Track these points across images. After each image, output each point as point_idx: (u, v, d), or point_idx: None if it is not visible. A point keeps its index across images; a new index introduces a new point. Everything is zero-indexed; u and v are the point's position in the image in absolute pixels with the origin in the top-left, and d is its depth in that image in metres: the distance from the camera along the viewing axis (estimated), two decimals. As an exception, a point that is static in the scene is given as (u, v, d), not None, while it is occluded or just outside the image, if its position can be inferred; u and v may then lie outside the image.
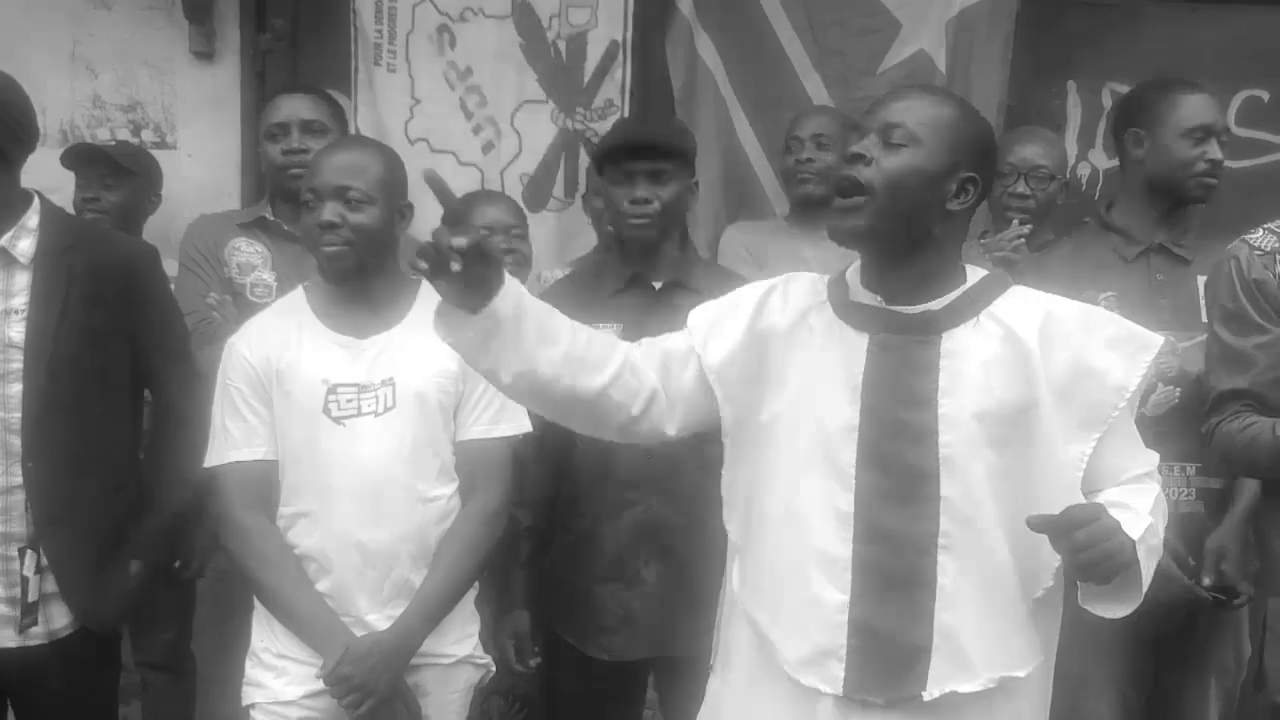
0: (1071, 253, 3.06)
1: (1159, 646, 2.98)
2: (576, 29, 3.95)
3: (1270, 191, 3.97)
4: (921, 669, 1.90)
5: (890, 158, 1.89)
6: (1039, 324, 1.92)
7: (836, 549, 1.91)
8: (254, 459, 2.46)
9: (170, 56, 3.96)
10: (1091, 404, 1.91)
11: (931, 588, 1.89)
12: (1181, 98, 2.95)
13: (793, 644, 1.93)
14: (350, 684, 2.34)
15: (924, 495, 1.89)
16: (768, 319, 2.01)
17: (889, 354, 1.93)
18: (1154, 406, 2.87)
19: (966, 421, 1.89)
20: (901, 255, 1.94)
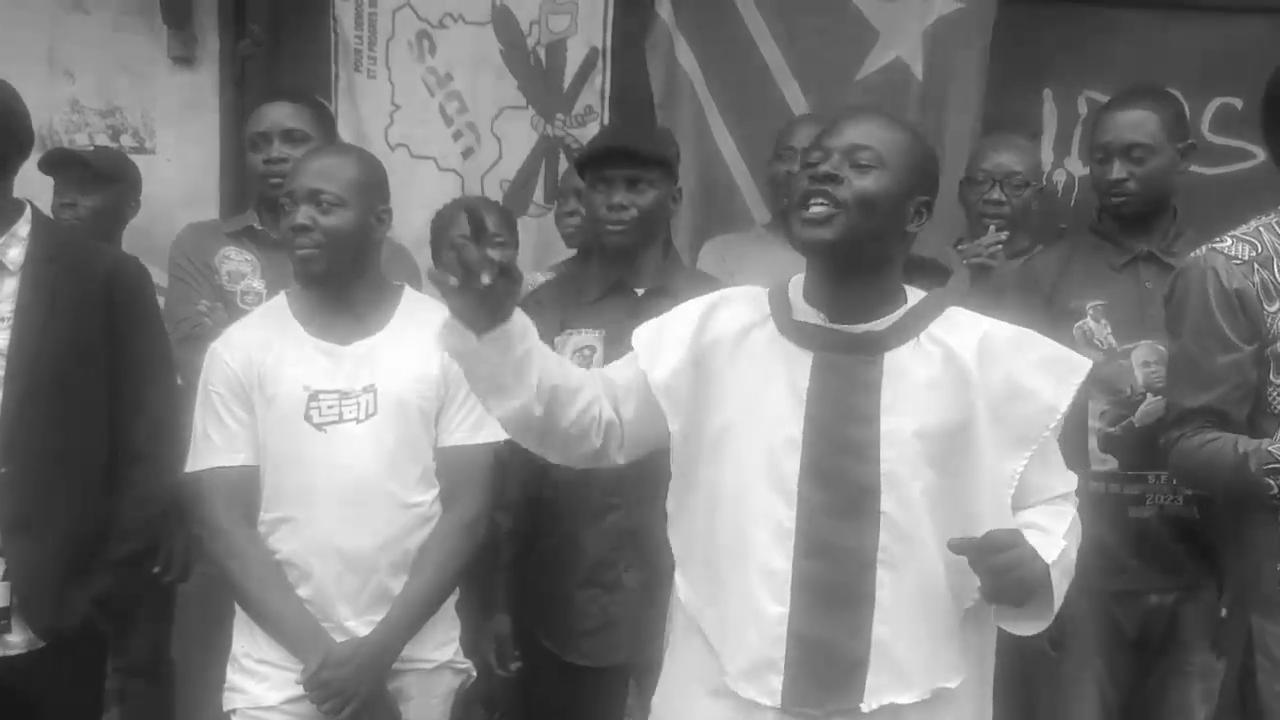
0: (1062, 260, 3.08)
1: (1143, 648, 3.01)
2: (556, 35, 3.96)
3: (1244, 198, 3.98)
4: (859, 681, 1.92)
5: (861, 179, 1.92)
6: (976, 345, 1.97)
7: (778, 563, 1.93)
8: (235, 464, 2.46)
9: (149, 61, 3.95)
10: (1023, 423, 1.97)
11: (870, 602, 1.92)
12: (1100, 115, 3.04)
13: (734, 656, 1.95)
14: (331, 689, 2.34)
15: (865, 511, 1.93)
16: (711, 334, 2.02)
17: (833, 372, 1.96)
18: (1143, 416, 2.90)
19: (907, 439, 1.93)
20: (857, 274, 1.97)
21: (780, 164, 3.54)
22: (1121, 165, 2.93)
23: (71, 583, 2.53)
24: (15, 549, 2.47)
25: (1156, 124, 2.94)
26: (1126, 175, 2.93)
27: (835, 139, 1.96)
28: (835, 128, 1.99)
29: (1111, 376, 2.93)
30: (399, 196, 2.68)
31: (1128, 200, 2.96)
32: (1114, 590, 2.95)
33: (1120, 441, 2.92)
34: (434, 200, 3.59)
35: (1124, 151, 2.93)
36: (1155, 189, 2.96)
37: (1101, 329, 2.95)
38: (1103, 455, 2.93)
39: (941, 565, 1.94)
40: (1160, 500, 2.89)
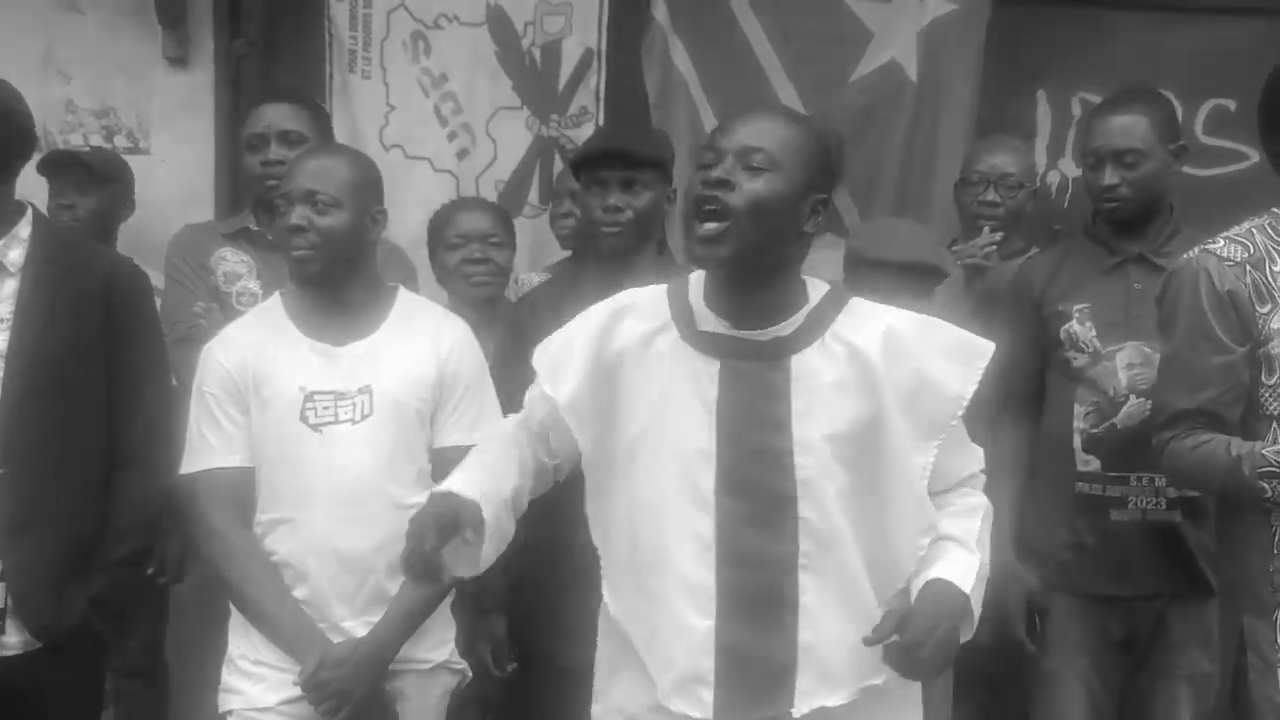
0: (1053, 264, 3.09)
1: (1131, 648, 3.02)
2: (551, 36, 3.97)
3: (1238, 199, 3.99)
4: (788, 687, 1.93)
5: (753, 183, 1.88)
6: (881, 340, 1.95)
7: (700, 576, 1.92)
8: (231, 466, 2.46)
9: (144, 62, 3.94)
10: (932, 414, 1.96)
11: (794, 608, 1.92)
12: (1091, 120, 3.04)
13: (662, 671, 1.95)
14: (328, 690, 2.35)
15: (783, 518, 1.92)
16: (614, 344, 1.99)
17: (741, 380, 1.94)
18: (1125, 418, 2.91)
19: (820, 443, 1.92)
20: (757, 280, 1.94)
21: None
22: (1114, 171, 2.94)
23: (68, 584, 2.53)
24: (13, 550, 2.47)
25: (1147, 127, 2.94)
26: (1119, 181, 2.94)
27: (727, 140, 1.92)
28: (728, 127, 1.96)
29: (1096, 378, 2.94)
30: (394, 197, 2.68)
31: (1121, 205, 2.97)
32: (1098, 593, 2.97)
33: (1103, 443, 2.93)
34: (429, 201, 3.59)
35: (1116, 157, 2.93)
36: (1148, 193, 2.96)
37: (1087, 331, 2.96)
38: (1085, 456, 2.95)
39: (862, 564, 1.94)
40: (1143, 504, 2.91)
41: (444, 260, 3.16)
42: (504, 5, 3.94)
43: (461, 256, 3.14)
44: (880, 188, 3.98)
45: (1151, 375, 2.86)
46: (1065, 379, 3.01)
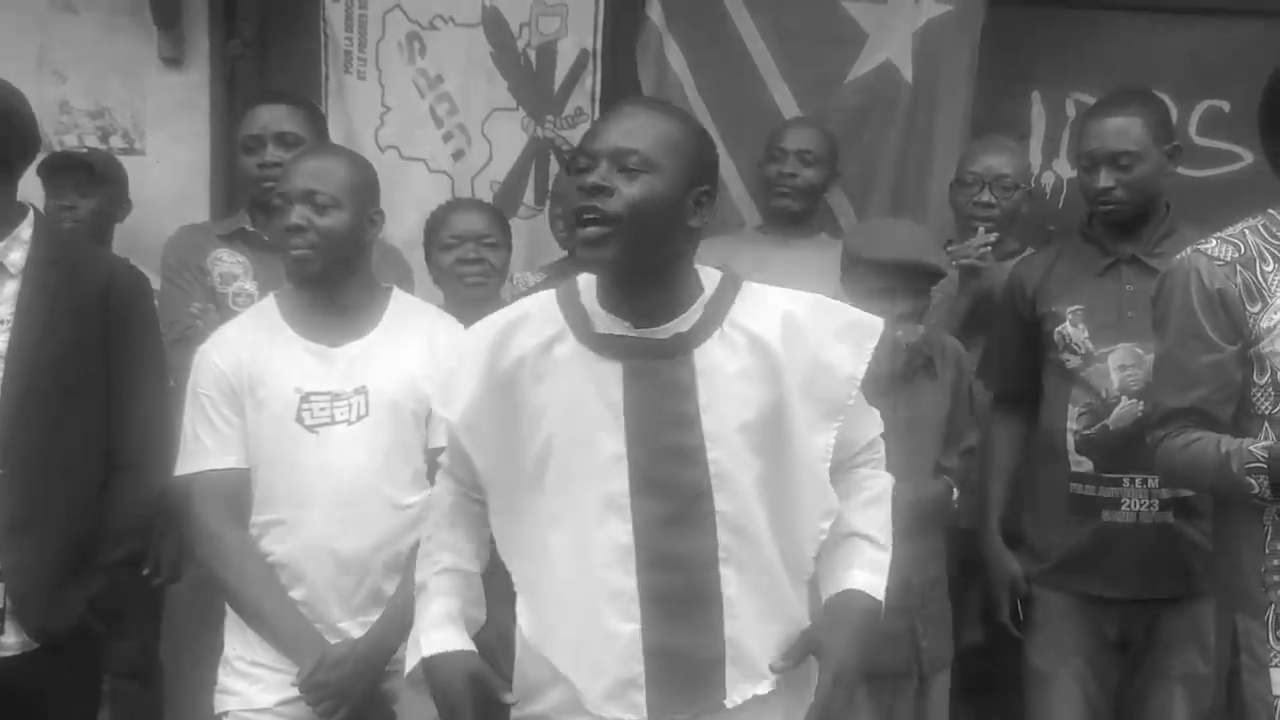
0: (1046, 264, 3.10)
1: (1126, 649, 3.03)
2: (546, 37, 3.97)
3: (1232, 200, 4.01)
4: (718, 681, 1.93)
5: (630, 186, 1.86)
6: (779, 325, 1.96)
7: (622, 581, 1.91)
8: (226, 467, 2.46)
9: (139, 62, 3.94)
10: (830, 397, 1.97)
11: (718, 602, 1.93)
12: (1085, 123, 3.03)
13: (592, 681, 1.93)
14: (326, 691, 2.35)
15: (700, 514, 1.92)
16: (509, 357, 1.96)
17: (646, 380, 1.93)
18: (1118, 420, 2.92)
19: (730, 435, 1.92)
20: (649, 279, 1.93)
21: (772, 165, 3.56)
22: (1108, 173, 2.94)
23: (66, 585, 2.53)
24: (12, 550, 2.47)
25: (1142, 129, 2.95)
26: (1114, 183, 2.94)
27: (600, 143, 1.90)
28: (599, 130, 1.93)
29: (1088, 380, 2.95)
30: (389, 198, 2.68)
31: (1117, 208, 2.97)
32: (1092, 593, 2.98)
33: (1096, 444, 2.94)
34: (425, 202, 3.59)
35: (1110, 160, 2.94)
36: (1143, 194, 2.97)
37: (1079, 333, 2.97)
38: (1079, 457, 2.96)
39: (776, 551, 1.96)
40: (1136, 506, 2.92)
41: (439, 260, 3.17)
42: (499, 6, 3.94)
43: (456, 257, 3.14)
44: (876, 188, 3.98)
45: (1144, 377, 2.87)
46: (1059, 380, 3.02)
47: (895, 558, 2.63)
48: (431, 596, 2.07)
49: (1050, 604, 3.03)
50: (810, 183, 3.53)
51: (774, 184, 3.54)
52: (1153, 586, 2.94)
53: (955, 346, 3.12)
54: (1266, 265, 2.39)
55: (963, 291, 3.38)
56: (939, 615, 3.02)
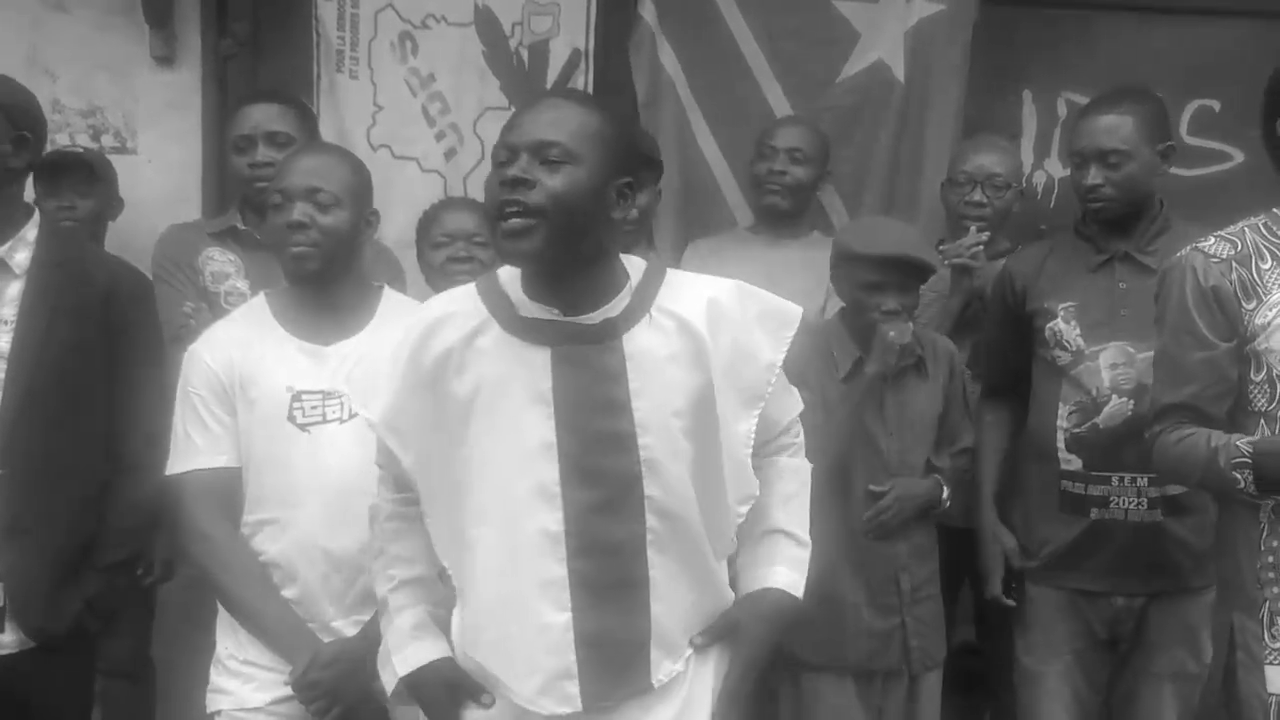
0: (1037, 261, 3.11)
1: (1115, 647, 3.04)
2: (538, 37, 3.97)
3: (1222, 199, 4.04)
4: (644, 661, 1.95)
5: (552, 178, 1.86)
6: (705, 310, 1.97)
7: (553, 570, 1.91)
8: (217, 466, 2.45)
9: (130, 61, 3.92)
10: (751, 384, 2.00)
11: (645, 585, 1.94)
12: (1079, 121, 3.04)
13: (524, 678, 1.93)
14: (319, 690, 2.34)
15: (630, 500, 1.92)
16: (432, 353, 1.96)
17: (575, 366, 1.93)
18: (1108, 418, 2.93)
19: (661, 420, 1.93)
20: (575, 269, 1.93)
21: (762, 163, 3.57)
22: (1097, 171, 2.96)
23: (65, 585, 2.54)
24: (10, 551, 2.48)
25: (1132, 128, 2.96)
26: (1102, 181, 2.96)
27: (520, 136, 1.89)
28: (518, 122, 1.92)
29: (1079, 377, 2.96)
30: (381, 197, 2.68)
31: (1106, 205, 2.98)
32: (1081, 590, 2.99)
33: (1085, 442, 2.96)
34: (416, 201, 3.59)
35: (1100, 157, 2.96)
36: (1133, 192, 2.98)
37: (1071, 330, 2.98)
38: (1068, 455, 2.97)
39: (703, 532, 1.98)
40: (1125, 504, 2.93)
41: (430, 259, 3.17)
42: (491, 6, 3.94)
43: (447, 255, 3.14)
44: (868, 187, 3.99)
45: (1135, 375, 2.88)
46: (1049, 377, 3.03)
47: (878, 556, 2.68)
48: (395, 613, 2.08)
49: (1040, 602, 3.05)
50: (800, 181, 3.54)
51: (764, 182, 3.55)
52: (1142, 583, 2.96)
53: (948, 346, 3.13)
54: (1264, 263, 2.40)
55: (955, 291, 3.38)
56: (930, 615, 3.02)
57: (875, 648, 2.96)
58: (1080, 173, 3.00)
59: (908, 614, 2.96)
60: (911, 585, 2.97)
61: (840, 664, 2.96)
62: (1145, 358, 2.85)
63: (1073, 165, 3.05)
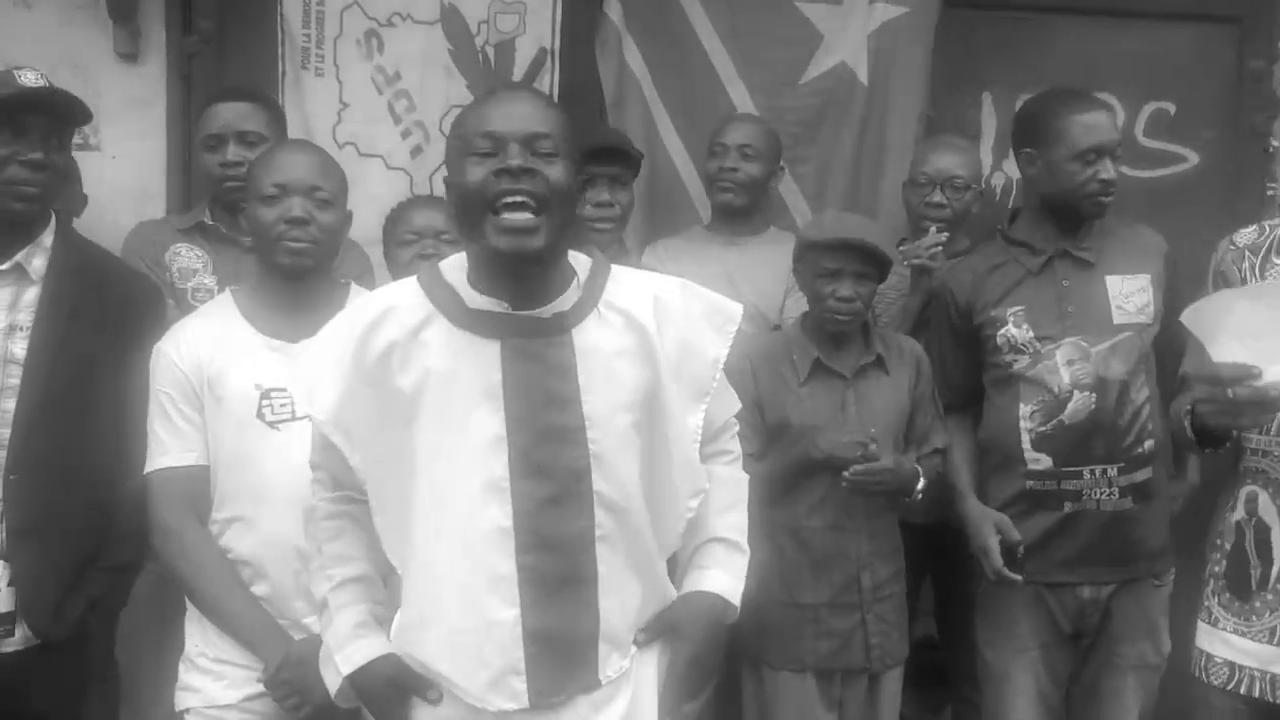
0: (976, 269, 3.13)
1: (1078, 641, 3.08)
2: (505, 35, 3.97)
3: (1176, 201, 4.10)
4: (592, 656, 1.97)
5: (550, 169, 1.88)
6: (651, 306, 2.00)
7: (502, 566, 1.91)
8: (186, 464, 2.46)
9: (94, 57, 3.89)
10: (697, 379, 2.04)
11: (594, 580, 1.96)
12: (1072, 120, 2.99)
13: (472, 674, 1.93)
14: (291, 687, 2.35)
15: (579, 494, 1.94)
16: (374, 349, 1.94)
17: (526, 359, 1.93)
18: (1073, 414, 2.96)
19: (610, 415, 1.95)
20: (545, 263, 1.95)
21: (713, 161, 3.56)
22: (1113, 164, 2.97)
23: (72, 588, 2.55)
24: (22, 554, 2.49)
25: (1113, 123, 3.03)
26: (1114, 175, 2.97)
27: (508, 125, 1.88)
28: (500, 113, 1.91)
29: (1039, 378, 3.00)
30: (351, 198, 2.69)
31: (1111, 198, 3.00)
32: (1049, 583, 3.03)
33: (1052, 439, 2.99)
34: (382, 198, 3.59)
35: (1112, 151, 2.97)
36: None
37: (1024, 333, 3.02)
38: (1035, 454, 3.01)
39: (649, 527, 2.01)
40: (1097, 495, 2.97)
41: (398, 257, 3.18)
42: (458, 4, 3.93)
43: (414, 253, 3.14)
44: (831, 187, 4.00)
45: (1091, 370, 2.93)
46: (1004, 383, 3.05)
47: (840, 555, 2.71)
48: (335, 611, 2.06)
49: (1005, 598, 3.08)
50: (752, 177, 3.54)
51: (715, 179, 3.55)
52: (1110, 572, 3.01)
53: (914, 347, 3.15)
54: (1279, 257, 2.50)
55: (915, 291, 3.42)
56: (893, 613, 3.05)
57: (835, 647, 2.99)
58: (1091, 169, 2.96)
59: (869, 612, 2.99)
60: (873, 583, 3.00)
61: (800, 665, 2.99)
62: (1098, 351, 2.92)
63: (1085, 163, 2.97)
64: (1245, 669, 2.41)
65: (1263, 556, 2.41)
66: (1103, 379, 2.91)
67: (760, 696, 3.03)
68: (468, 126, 1.94)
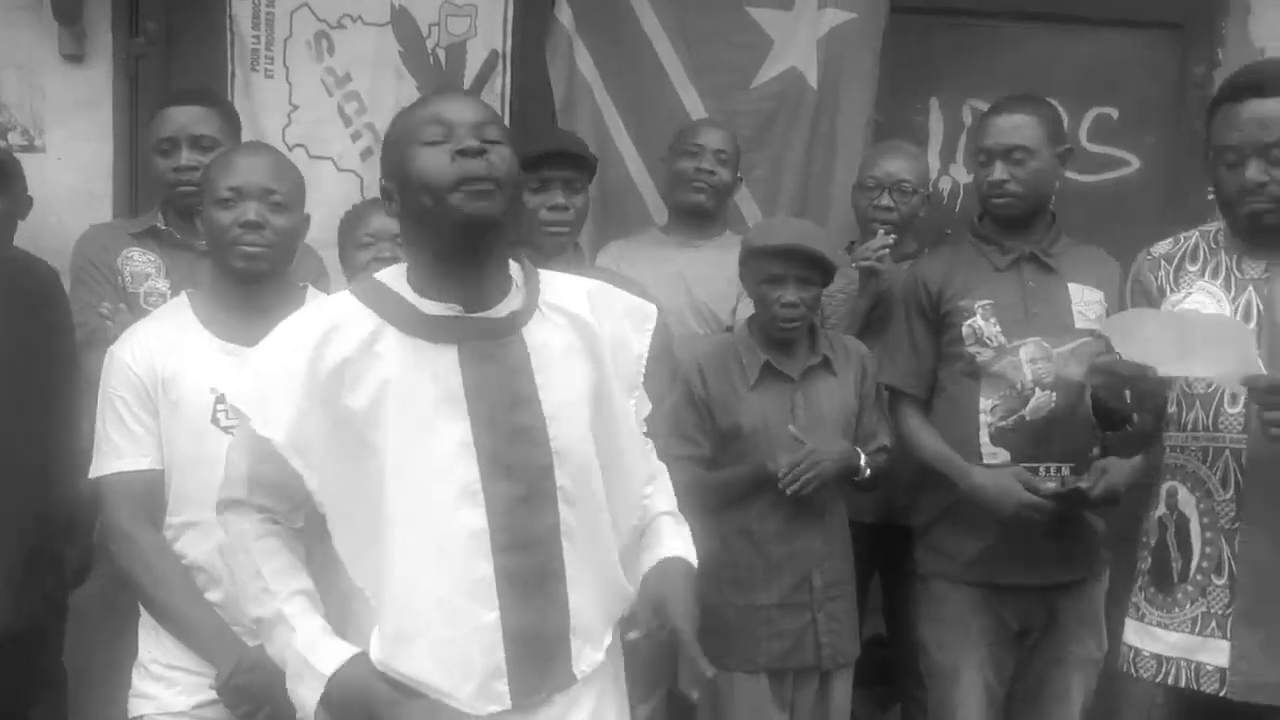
0: (946, 262, 3.19)
1: (1023, 638, 3.12)
2: (456, 38, 3.97)
3: (1120, 205, 4.17)
4: (566, 654, 1.99)
5: (499, 151, 1.93)
6: (587, 301, 2.06)
7: (480, 569, 1.91)
8: (141, 469, 2.43)
9: (39, 58, 3.84)
10: (629, 370, 2.10)
11: (562, 576, 1.98)
12: (982, 121, 3.16)
13: (461, 682, 1.92)
14: (245, 694, 2.33)
15: (544, 491, 1.96)
16: (326, 365, 1.92)
17: (484, 361, 1.95)
18: (1034, 410, 3.01)
19: (567, 411, 1.99)
20: (491, 256, 1.97)
21: (688, 160, 3.56)
22: (1003, 167, 3.05)
23: (24, 585, 2.52)
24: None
25: (1036, 128, 3.07)
26: (1007, 176, 3.05)
27: (455, 114, 1.95)
28: (447, 104, 1.98)
29: (1001, 372, 3.05)
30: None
31: (1009, 201, 3.08)
32: (998, 582, 3.07)
33: (1011, 435, 3.03)
34: (333, 201, 3.58)
35: (1005, 154, 3.05)
36: (1035, 190, 3.08)
37: (991, 327, 3.06)
38: (993, 449, 3.05)
39: (608, 520, 2.04)
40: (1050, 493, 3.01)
41: (354, 260, 3.17)
42: (408, 6, 3.93)
43: (371, 255, 3.14)
44: (783, 189, 4.03)
45: (1052, 369, 2.99)
46: (965, 376, 3.10)
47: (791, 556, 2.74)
48: (294, 619, 1.98)
49: (954, 599, 3.12)
50: (725, 182, 3.58)
51: (690, 179, 3.55)
52: (1058, 570, 3.05)
53: (859, 347, 3.19)
54: (1192, 265, 2.56)
55: (862, 292, 3.46)
56: (844, 614, 3.07)
57: (787, 647, 3.01)
58: (985, 170, 3.09)
59: (819, 611, 3.01)
60: (824, 583, 3.03)
61: (753, 665, 3.01)
62: (1060, 352, 2.97)
63: (978, 164, 3.14)
64: (1171, 660, 2.46)
65: (1183, 549, 2.47)
66: (1061, 379, 2.97)
67: (713, 698, 3.05)
68: (414, 117, 1.98)
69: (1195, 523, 2.46)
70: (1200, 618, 2.43)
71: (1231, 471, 2.41)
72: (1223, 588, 2.41)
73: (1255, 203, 2.39)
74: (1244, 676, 2.37)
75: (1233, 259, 2.50)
